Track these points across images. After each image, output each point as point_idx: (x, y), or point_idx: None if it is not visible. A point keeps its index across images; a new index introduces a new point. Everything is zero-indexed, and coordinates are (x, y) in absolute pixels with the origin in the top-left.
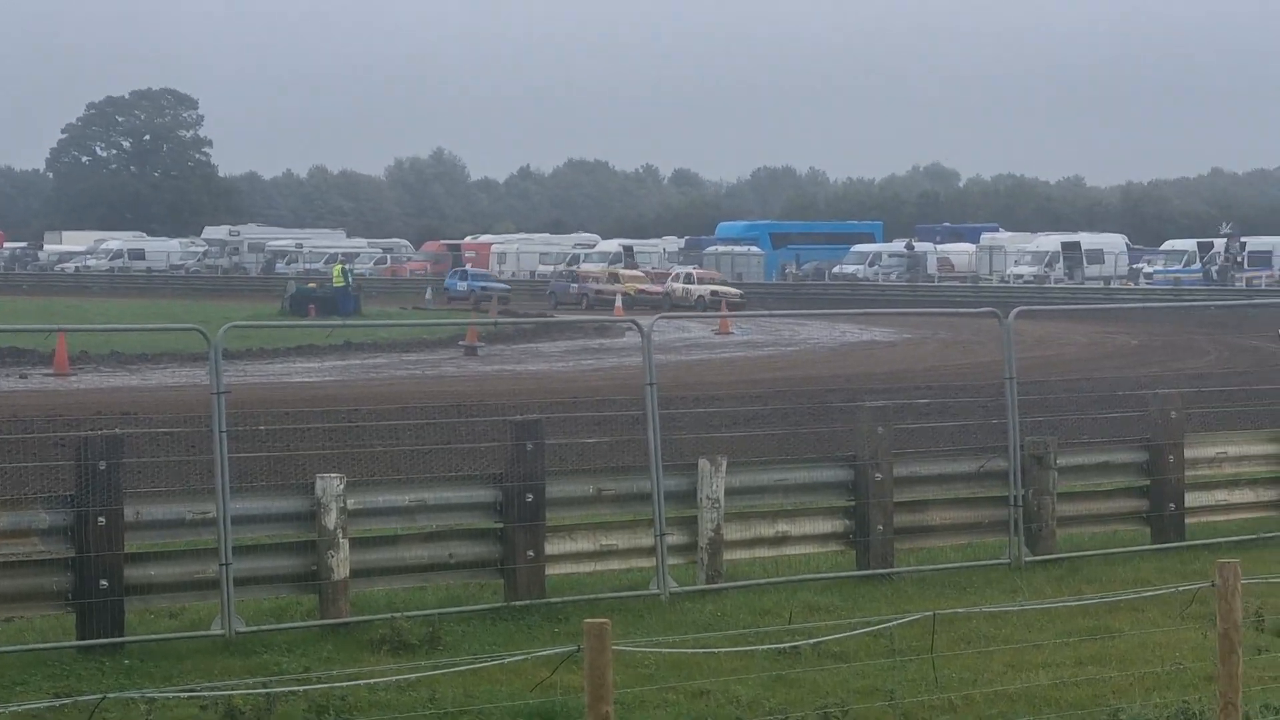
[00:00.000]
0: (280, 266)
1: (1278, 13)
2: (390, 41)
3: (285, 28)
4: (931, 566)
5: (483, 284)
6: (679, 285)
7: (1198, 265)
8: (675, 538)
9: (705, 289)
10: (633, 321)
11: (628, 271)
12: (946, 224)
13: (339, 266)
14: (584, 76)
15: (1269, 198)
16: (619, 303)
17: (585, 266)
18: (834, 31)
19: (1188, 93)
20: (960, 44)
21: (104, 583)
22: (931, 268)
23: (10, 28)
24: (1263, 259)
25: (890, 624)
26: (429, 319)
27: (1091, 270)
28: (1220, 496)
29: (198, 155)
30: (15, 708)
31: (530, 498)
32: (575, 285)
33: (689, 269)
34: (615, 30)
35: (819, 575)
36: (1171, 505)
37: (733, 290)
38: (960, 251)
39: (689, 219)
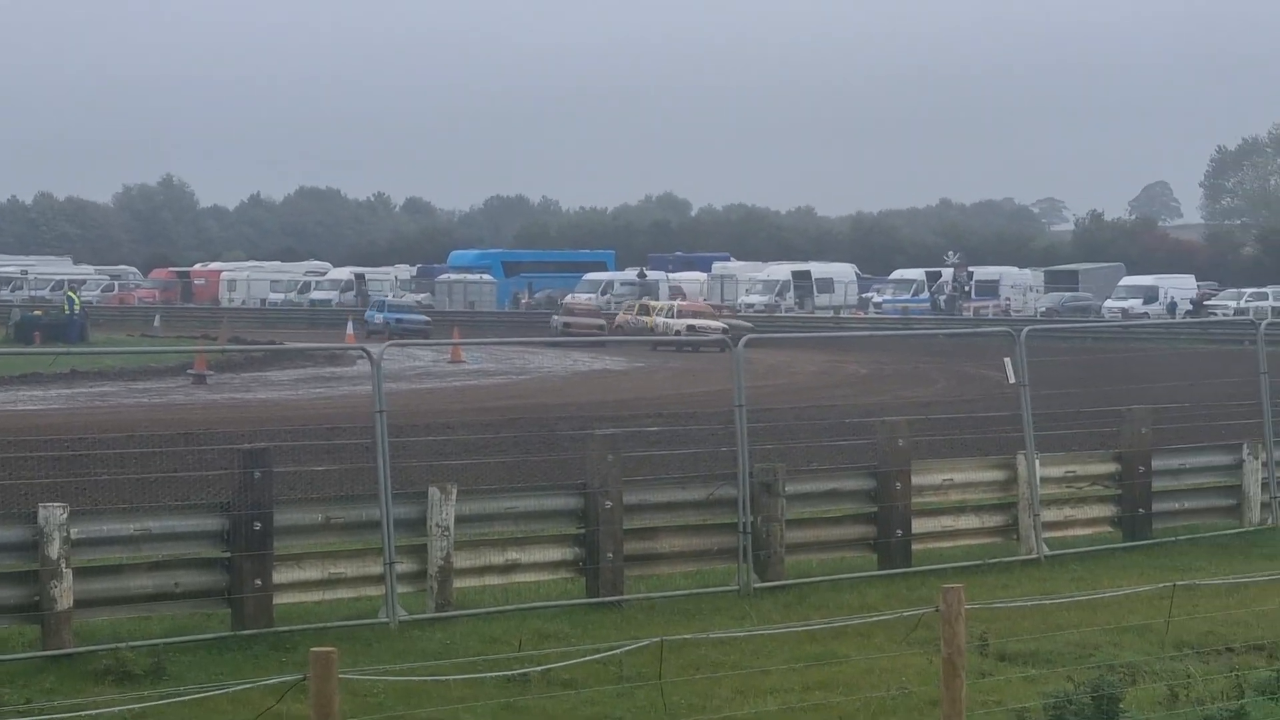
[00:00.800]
0: (4, 293)
1: (1002, 49)
2: (119, 66)
3: (10, 49)
4: (661, 594)
5: (399, 316)
6: (658, 318)
7: (926, 294)
8: (405, 566)
9: (683, 323)
10: (363, 349)
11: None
12: (679, 253)
13: (72, 293)
14: (315, 104)
15: (995, 228)
16: (350, 329)
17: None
18: (567, 63)
19: (917, 125)
20: (693, 76)
21: None
22: (664, 296)
23: None
24: (990, 288)
25: (619, 650)
26: (157, 346)
27: (822, 299)
28: (946, 523)
29: None
30: None
31: (258, 526)
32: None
33: (676, 302)
34: (348, 57)
35: (549, 603)
36: (899, 531)
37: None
38: (692, 280)
39: (421, 247)
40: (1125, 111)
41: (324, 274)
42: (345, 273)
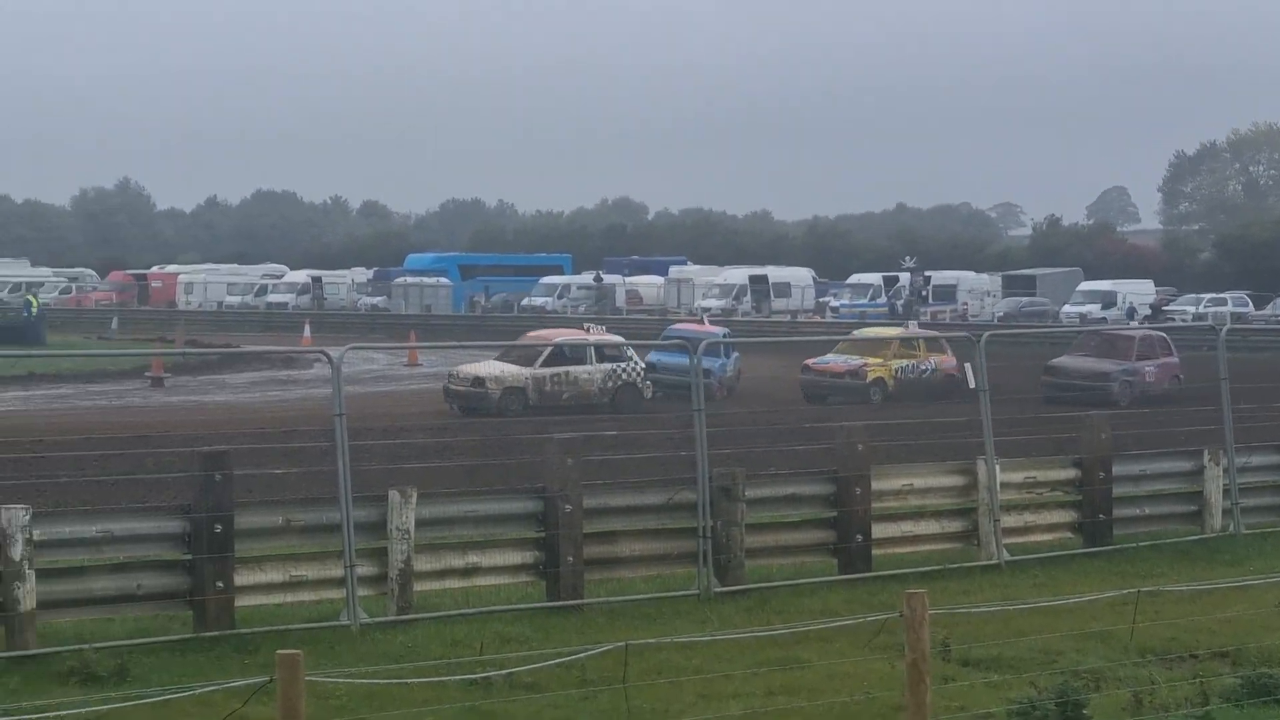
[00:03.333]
0: None
1: (958, 55)
2: (75, 68)
3: None
4: (621, 597)
5: None
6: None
7: (884, 299)
8: (366, 569)
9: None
10: (322, 352)
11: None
12: (635, 256)
13: (31, 296)
14: (272, 107)
15: (950, 233)
16: (307, 332)
17: None
18: (524, 66)
19: (873, 129)
20: (648, 79)
21: None
22: (620, 300)
23: None
24: (947, 293)
25: (582, 654)
26: (115, 349)
27: (779, 303)
28: (906, 528)
29: None
30: None
31: (219, 529)
32: None
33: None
34: (306, 60)
35: (510, 607)
36: (859, 536)
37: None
38: (649, 284)
39: (377, 250)
40: (1082, 117)
41: (281, 277)
42: (302, 276)
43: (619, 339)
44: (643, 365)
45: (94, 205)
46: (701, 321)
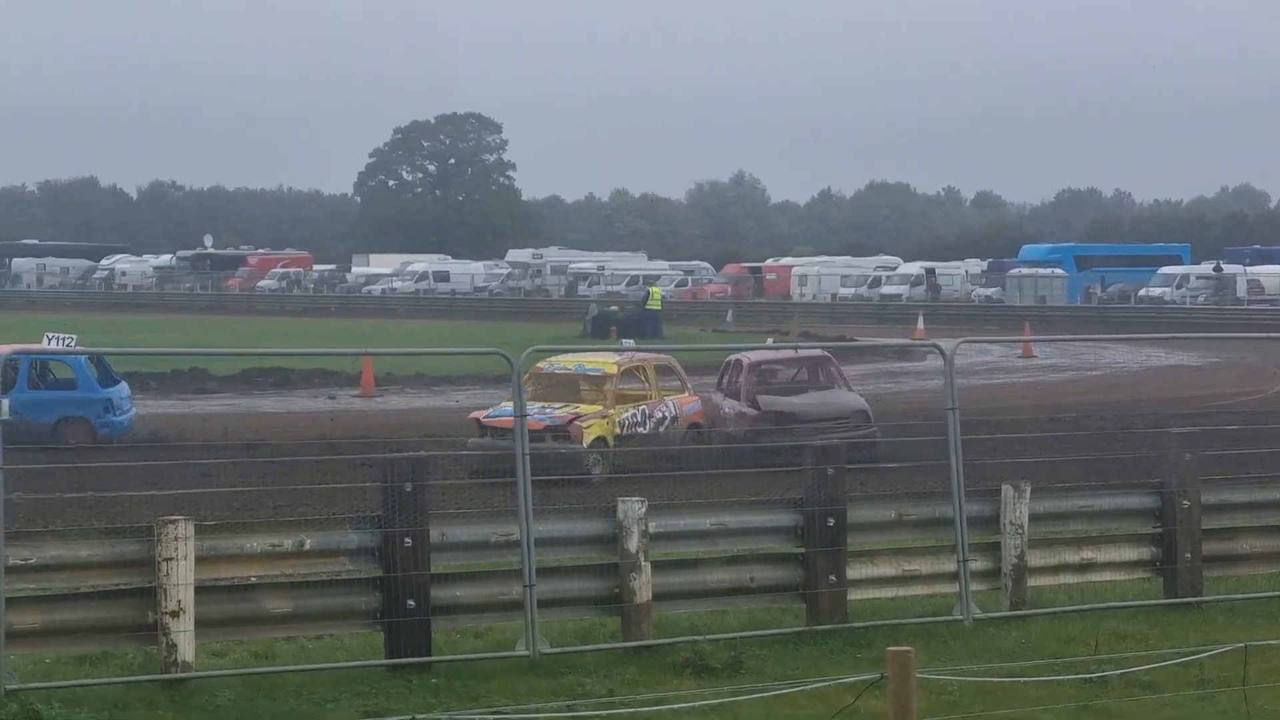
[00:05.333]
0: (582, 289)
1: None
2: (691, 65)
3: (588, 53)
4: (1243, 595)
5: None
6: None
7: None
8: (978, 563)
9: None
10: (934, 345)
11: None
12: (1257, 246)
13: (657, 290)
14: (885, 98)
15: None
16: (921, 324)
17: None
18: (1138, 53)
19: None
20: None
21: (411, 603)
22: (1241, 290)
23: (320, 58)
24: None
25: (1201, 654)
26: (728, 342)
27: None
28: None
29: (501, 179)
30: None
31: (831, 522)
32: None
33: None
34: (915, 51)
35: (1125, 603)
36: None
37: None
38: (1271, 274)
39: (991, 241)
40: None
41: (894, 269)
42: (915, 268)
43: None
44: None
45: (709, 199)
46: None
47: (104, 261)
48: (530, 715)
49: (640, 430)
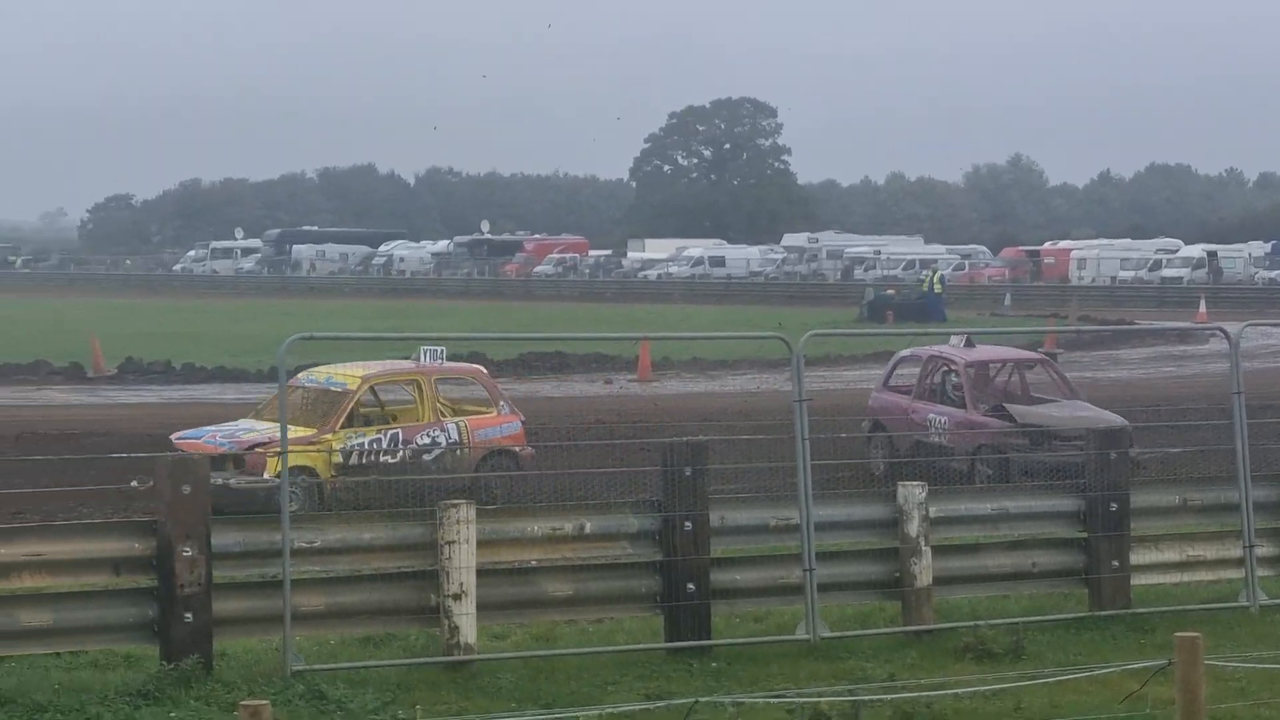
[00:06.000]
0: (858, 273)
1: None
2: (966, 47)
3: (863, 35)
4: None
5: None
6: None
7: None
8: (1265, 549)
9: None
10: (1219, 328)
11: None
12: None
13: (936, 273)
14: (1164, 79)
15: None
16: (1202, 308)
17: None
18: None
19: None
20: None
21: (691, 586)
22: None
23: (596, 42)
24: None
25: None
26: (1006, 326)
27: None
28: None
29: (776, 163)
30: (610, 709)
31: (1114, 507)
32: None
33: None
34: (1196, 29)
35: None
36: None
37: None
38: None
39: (1274, 223)
40: None
41: (1175, 252)
42: (1197, 250)
43: None
44: None
45: (986, 182)
46: None
47: (382, 248)
48: (812, 699)
49: (388, 459)
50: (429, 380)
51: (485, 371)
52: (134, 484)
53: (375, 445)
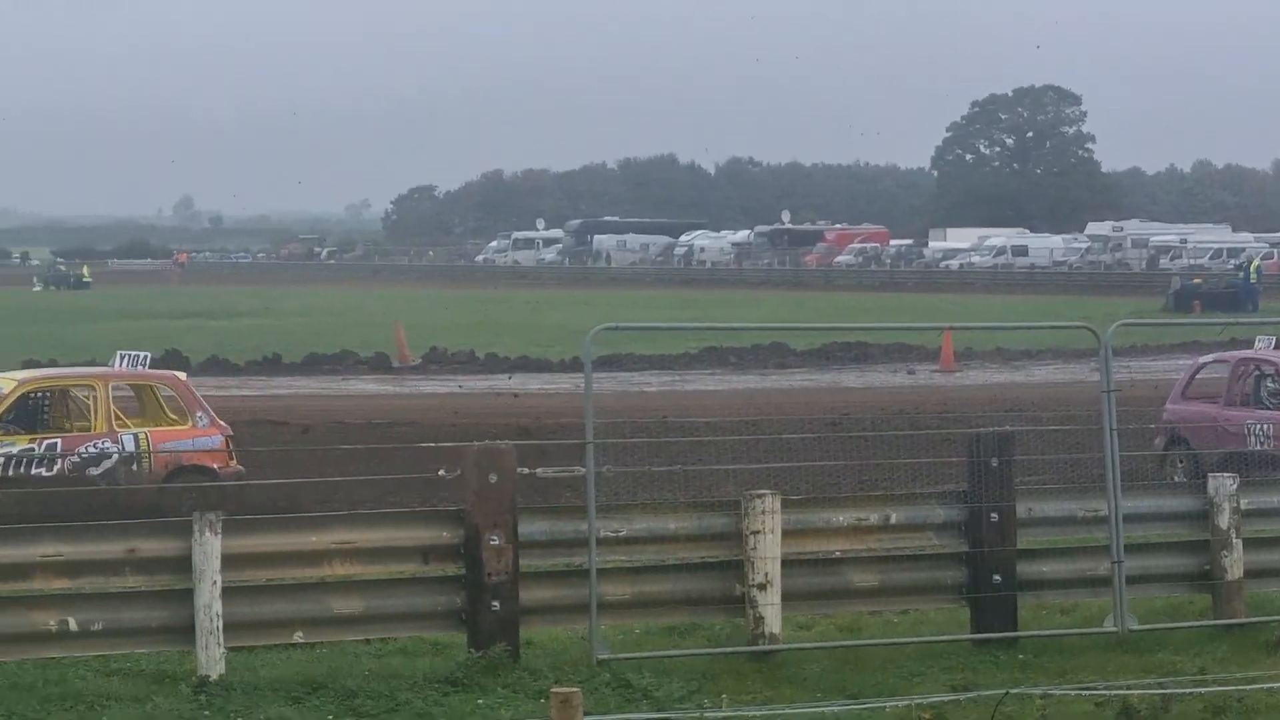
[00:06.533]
0: (1164, 262)
1: None
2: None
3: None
4: None
5: None
6: None
7: None
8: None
9: None
10: None
11: None
12: None
13: (1254, 261)
14: None
15: None
16: None
17: None
18: None
19: None
20: None
21: (997, 578)
22: None
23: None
24: None
25: None
26: None
27: None
28: None
29: (1080, 151)
30: (918, 699)
31: None
32: None
33: None
34: None
35: None
36: None
37: None
38: None
39: None
40: None
41: None
42: None
43: None
44: None
45: None
46: None
47: (683, 238)
48: (1121, 692)
49: (42, 472)
50: (105, 386)
51: (183, 379)
52: (442, 473)
53: (26, 455)
